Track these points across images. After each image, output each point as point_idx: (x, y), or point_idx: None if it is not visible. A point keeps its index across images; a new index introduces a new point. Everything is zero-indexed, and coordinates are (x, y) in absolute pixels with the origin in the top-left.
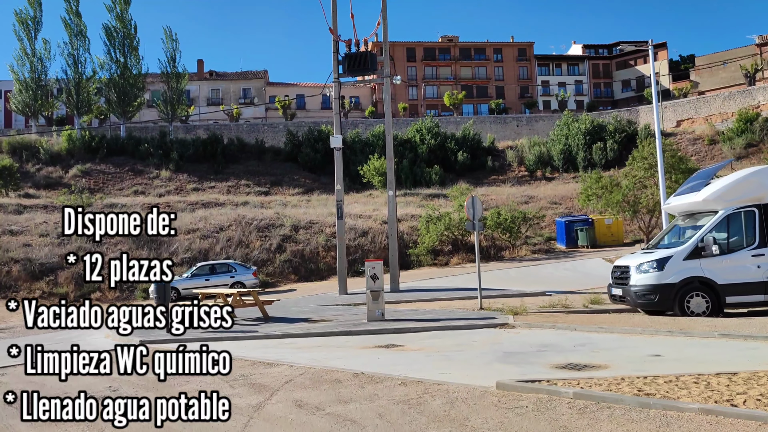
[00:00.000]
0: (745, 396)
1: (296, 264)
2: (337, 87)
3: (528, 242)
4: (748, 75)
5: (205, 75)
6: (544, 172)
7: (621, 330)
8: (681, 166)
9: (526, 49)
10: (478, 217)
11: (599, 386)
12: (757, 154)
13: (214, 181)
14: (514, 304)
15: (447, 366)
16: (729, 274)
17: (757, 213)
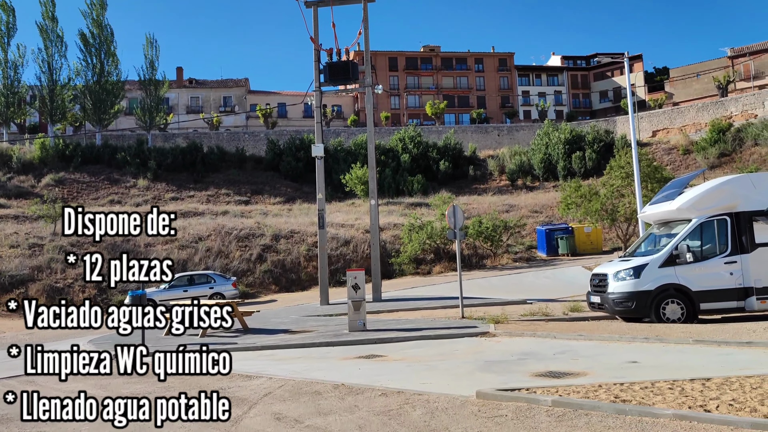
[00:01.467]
0: (718, 401)
1: (277, 274)
2: (318, 96)
3: (509, 251)
4: (720, 86)
5: (184, 82)
6: (524, 181)
7: (599, 337)
8: (656, 175)
9: (507, 59)
10: (460, 225)
11: (577, 394)
12: (729, 163)
13: (194, 191)
14: (495, 312)
15: (428, 376)
16: (703, 281)
17: (729, 221)
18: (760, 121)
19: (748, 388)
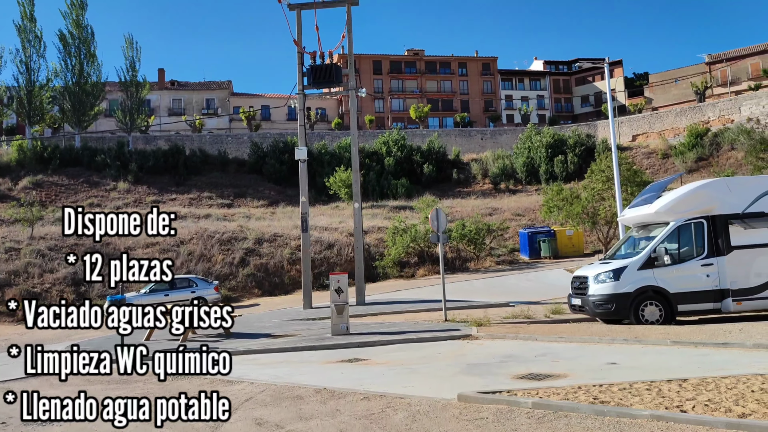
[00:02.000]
0: (694, 402)
1: (260, 278)
2: (301, 99)
3: (492, 253)
4: (698, 92)
5: (166, 84)
6: (507, 185)
7: (580, 339)
8: (636, 179)
9: (490, 64)
10: (443, 229)
11: (557, 395)
12: (707, 167)
13: (176, 194)
14: (478, 315)
15: (411, 379)
16: (680, 283)
17: (705, 224)
18: (736, 126)
19: (723, 388)
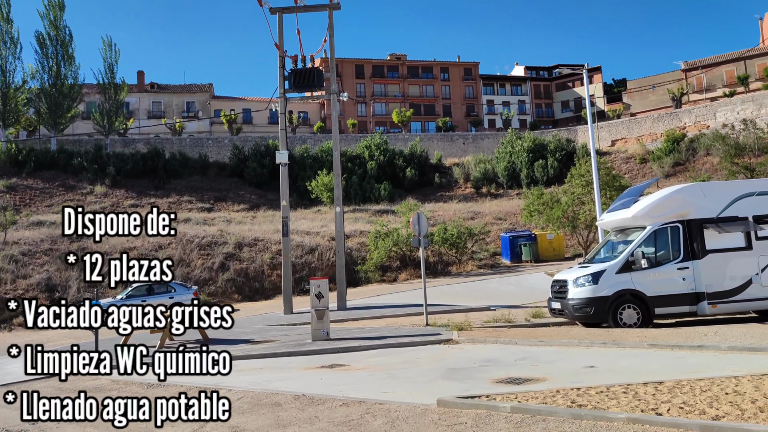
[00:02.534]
0: (669, 404)
1: (240, 283)
2: (283, 102)
3: (474, 257)
4: (675, 98)
5: (145, 87)
6: (489, 189)
7: (559, 343)
8: (615, 183)
9: (472, 69)
10: (424, 233)
11: (536, 399)
12: (683, 172)
13: (155, 197)
14: (459, 319)
15: (391, 384)
16: (657, 286)
17: (681, 228)
18: (711, 132)
19: (698, 390)
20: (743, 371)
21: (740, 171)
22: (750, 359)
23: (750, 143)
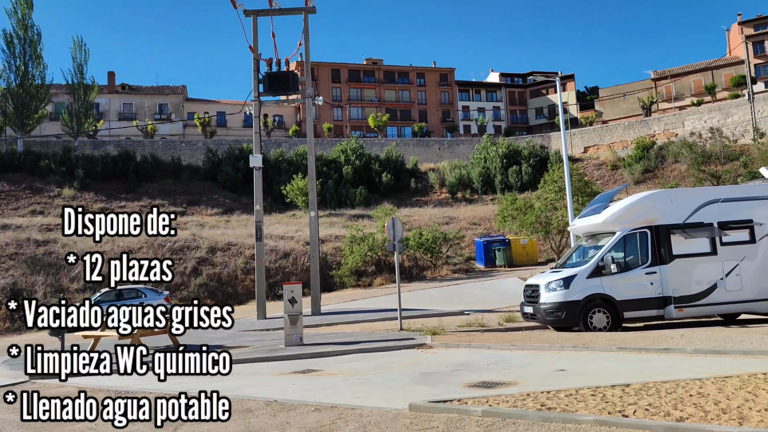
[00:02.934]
0: (636, 406)
1: (213, 288)
2: (257, 106)
3: (449, 262)
4: (644, 107)
5: (116, 88)
6: (464, 194)
7: (531, 347)
8: (587, 189)
9: (448, 74)
10: (399, 238)
11: (506, 403)
12: (653, 179)
13: (125, 201)
14: (433, 324)
15: (363, 389)
16: (626, 290)
17: (649, 234)
18: (680, 140)
19: (663, 392)
20: (707, 374)
21: (707, 178)
22: (714, 362)
23: (716, 151)
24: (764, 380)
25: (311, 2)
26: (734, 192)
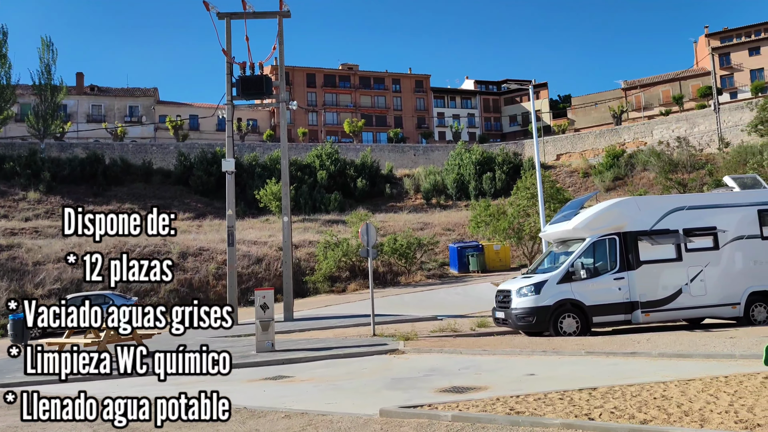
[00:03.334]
0: (602, 409)
1: (184, 294)
2: (230, 109)
3: (423, 267)
4: (615, 115)
5: (85, 89)
6: (439, 200)
7: (502, 352)
8: (559, 196)
9: (423, 81)
10: (372, 243)
11: (476, 407)
12: (623, 186)
13: (93, 205)
14: (406, 329)
15: (335, 395)
16: (595, 296)
17: (618, 240)
18: (648, 149)
19: (629, 395)
20: (671, 377)
21: (674, 186)
22: (678, 365)
23: (683, 160)
24: (725, 383)
25: (286, 6)
26: (699, 200)
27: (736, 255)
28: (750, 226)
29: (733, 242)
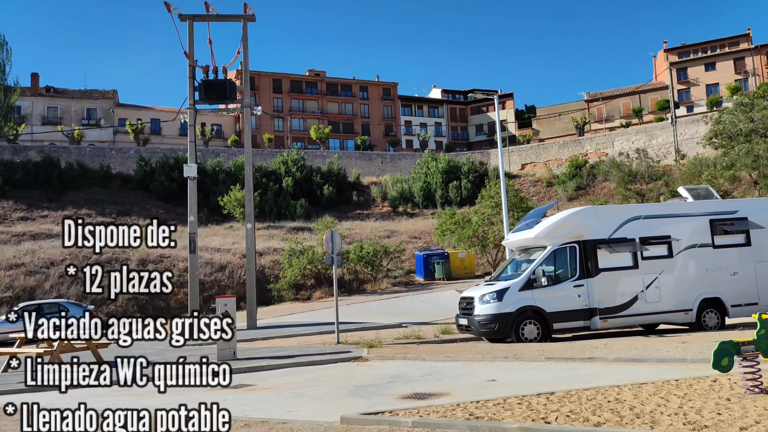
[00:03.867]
0: (558, 413)
1: (143, 302)
2: (192, 114)
3: (389, 275)
4: (578, 126)
5: (40, 90)
6: (405, 208)
7: (465, 358)
8: (522, 205)
9: (391, 89)
10: (337, 251)
11: (436, 413)
12: (585, 195)
13: (48, 210)
14: (370, 337)
15: (296, 403)
16: (555, 303)
17: (577, 248)
18: (609, 160)
19: (584, 399)
20: (626, 381)
21: (633, 196)
22: (633, 369)
23: (642, 171)
24: (676, 386)
25: (250, 10)
26: (655, 209)
27: (689, 263)
28: (702, 235)
29: (686, 251)
